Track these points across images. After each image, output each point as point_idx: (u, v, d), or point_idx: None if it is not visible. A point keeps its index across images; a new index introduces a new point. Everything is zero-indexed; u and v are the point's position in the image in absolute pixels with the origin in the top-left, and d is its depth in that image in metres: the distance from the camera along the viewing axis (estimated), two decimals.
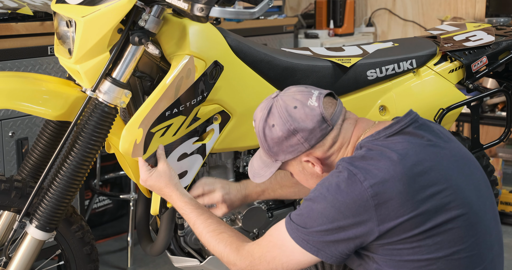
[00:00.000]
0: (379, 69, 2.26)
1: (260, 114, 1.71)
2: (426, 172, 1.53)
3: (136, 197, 3.07)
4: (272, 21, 3.91)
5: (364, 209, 1.51)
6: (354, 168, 1.54)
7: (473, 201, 1.58)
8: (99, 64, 1.85)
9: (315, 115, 1.65)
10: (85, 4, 1.82)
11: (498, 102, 3.75)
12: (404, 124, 1.63)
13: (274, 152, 1.70)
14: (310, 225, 1.56)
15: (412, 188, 1.51)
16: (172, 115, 1.89)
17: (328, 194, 1.54)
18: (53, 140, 2.04)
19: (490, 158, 3.25)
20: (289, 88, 1.73)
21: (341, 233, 1.54)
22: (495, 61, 2.41)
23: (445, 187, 1.54)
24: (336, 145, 1.68)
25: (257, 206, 2.20)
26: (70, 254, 2.08)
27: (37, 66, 2.73)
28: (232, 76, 2.03)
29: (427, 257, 1.53)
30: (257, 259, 1.64)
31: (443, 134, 1.67)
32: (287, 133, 1.66)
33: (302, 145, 1.66)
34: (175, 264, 2.20)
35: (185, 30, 1.93)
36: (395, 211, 1.51)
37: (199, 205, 1.86)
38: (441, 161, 1.57)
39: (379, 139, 1.62)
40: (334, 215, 1.53)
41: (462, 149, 1.67)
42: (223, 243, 1.71)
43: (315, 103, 1.66)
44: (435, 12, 4.37)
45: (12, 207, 1.97)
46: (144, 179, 1.90)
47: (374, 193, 1.50)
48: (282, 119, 1.66)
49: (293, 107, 1.66)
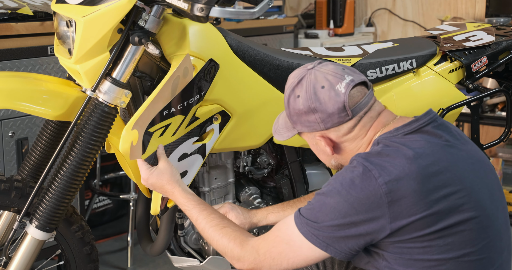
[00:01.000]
0: (379, 69, 2.26)
1: (291, 81, 1.72)
2: (441, 172, 1.53)
3: (136, 197, 3.08)
4: (272, 21, 3.91)
5: (377, 206, 1.50)
6: (369, 164, 1.53)
7: (486, 205, 1.57)
8: (99, 64, 1.85)
9: (337, 101, 1.63)
10: (85, 4, 1.82)
11: (498, 102, 3.74)
12: (423, 123, 1.62)
13: (293, 120, 1.72)
14: (321, 219, 1.54)
15: (426, 188, 1.51)
16: (170, 114, 1.88)
17: (342, 188, 1.53)
18: (53, 140, 2.04)
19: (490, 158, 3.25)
20: (327, 64, 1.72)
21: (352, 229, 1.53)
22: (495, 61, 2.41)
23: (459, 189, 1.53)
24: (351, 135, 1.67)
25: (257, 206, 2.20)
26: (70, 254, 2.08)
27: (37, 66, 2.73)
28: (232, 76, 2.03)
29: (437, 258, 1.53)
30: (262, 254, 1.62)
31: (460, 136, 1.66)
32: (307, 109, 1.66)
33: (318, 125, 1.67)
34: (175, 264, 2.20)
35: (185, 30, 1.93)
36: (408, 209, 1.50)
37: (201, 201, 1.84)
38: (457, 162, 1.57)
39: (397, 136, 1.61)
40: (347, 210, 1.52)
41: (478, 152, 1.67)
42: (226, 237, 1.69)
43: (343, 90, 1.64)
44: (435, 12, 4.37)
45: (12, 207, 1.97)
46: (145, 178, 1.88)
47: (388, 190, 1.50)
48: (307, 94, 1.66)
49: (321, 86, 1.65)
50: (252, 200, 2.23)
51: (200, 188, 2.18)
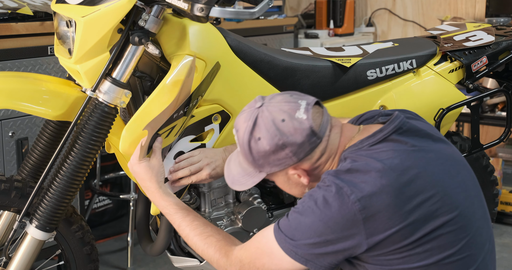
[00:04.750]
0: (379, 69, 2.26)
1: (244, 125, 1.63)
2: (412, 180, 1.52)
3: (136, 197, 3.07)
4: (272, 21, 3.91)
5: (352, 223, 1.50)
6: (340, 181, 1.52)
7: (461, 203, 1.57)
8: (99, 64, 1.85)
9: (304, 129, 1.58)
10: (85, 4, 1.83)
11: (498, 102, 3.75)
12: (387, 133, 1.60)
13: (259, 164, 1.65)
14: (298, 237, 1.55)
15: (399, 200, 1.50)
16: (178, 116, 1.89)
17: (316, 208, 1.53)
18: (53, 140, 2.04)
19: (490, 158, 3.25)
20: (274, 96, 1.65)
21: (329, 247, 1.53)
22: (495, 61, 2.41)
23: (432, 194, 1.53)
24: (324, 157, 1.64)
25: (257, 206, 2.20)
26: (70, 254, 2.08)
27: (37, 66, 2.73)
28: (232, 76, 2.03)
29: (418, 265, 1.53)
30: (247, 265, 1.64)
31: (430, 135, 1.64)
32: (275, 147, 1.59)
33: (290, 159, 1.61)
34: (175, 264, 2.20)
35: (185, 30, 1.93)
36: (383, 223, 1.50)
37: (183, 205, 1.84)
38: (426, 167, 1.56)
39: (362, 148, 1.59)
40: (322, 229, 1.52)
41: (448, 149, 1.65)
42: (212, 247, 1.71)
43: (304, 116, 1.59)
44: (435, 12, 4.37)
45: (12, 207, 1.97)
46: (132, 163, 1.86)
47: (361, 207, 1.49)
48: (269, 133, 1.58)
49: (280, 120, 1.58)
50: (252, 200, 2.23)
51: (200, 188, 2.18)
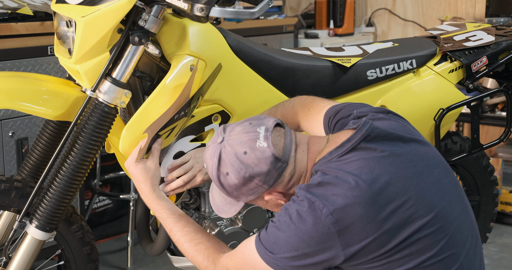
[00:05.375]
0: (379, 69, 2.26)
1: (210, 163, 1.65)
2: (384, 188, 1.51)
3: (136, 197, 3.07)
4: (272, 21, 3.91)
5: (327, 237, 1.51)
6: (312, 195, 1.53)
7: (437, 204, 1.55)
8: (99, 64, 1.85)
9: (267, 157, 1.59)
10: (85, 4, 1.83)
11: (498, 102, 3.75)
12: (355, 142, 1.58)
13: (234, 195, 1.68)
14: (277, 251, 1.56)
15: (372, 209, 1.50)
16: (179, 117, 1.89)
17: (291, 223, 1.54)
18: (53, 140, 2.04)
19: (490, 158, 3.25)
20: (233, 128, 1.65)
21: (307, 259, 1.54)
22: (495, 61, 2.41)
23: (406, 200, 1.52)
24: (295, 177, 1.64)
25: (257, 206, 2.20)
26: (70, 254, 2.08)
27: (37, 66, 2.73)
28: (232, 76, 2.03)
29: None
30: None
31: (401, 136, 1.61)
32: (243, 180, 1.61)
33: (262, 187, 1.63)
34: (175, 264, 2.20)
35: (185, 30, 1.93)
36: (358, 234, 1.50)
37: (176, 209, 1.85)
38: (397, 172, 1.55)
39: (332, 160, 1.58)
40: (298, 243, 1.53)
41: (420, 148, 1.63)
42: (201, 255, 1.73)
43: (264, 144, 1.60)
44: (435, 12, 4.37)
45: (12, 207, 1.97)
46: (129, 164, 1.87)
47: (334, 220, 1.50)
48: (234, 167, 1.60)
49: (242, 153, 1.60)
50: None
51: (200, 188, 2.18)
